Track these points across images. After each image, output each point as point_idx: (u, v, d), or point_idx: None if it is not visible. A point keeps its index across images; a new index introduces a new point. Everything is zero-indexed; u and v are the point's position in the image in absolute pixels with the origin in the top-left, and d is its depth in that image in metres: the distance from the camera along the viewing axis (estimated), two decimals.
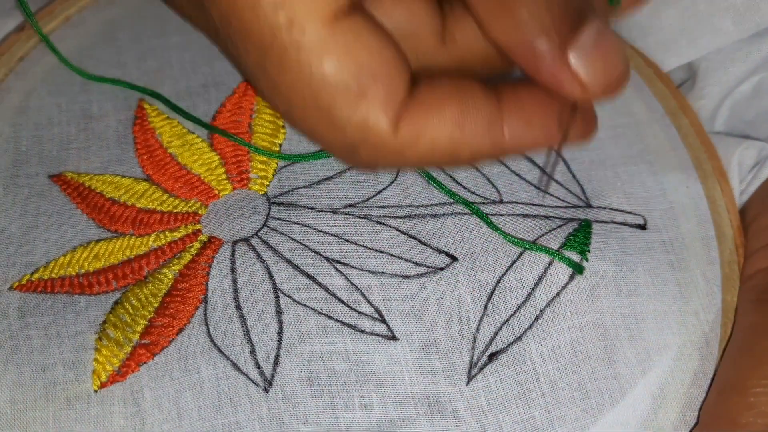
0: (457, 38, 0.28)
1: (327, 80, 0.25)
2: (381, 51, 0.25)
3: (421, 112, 0.26)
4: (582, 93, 0.27)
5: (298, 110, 0.26)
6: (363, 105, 0.25)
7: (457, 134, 0.27)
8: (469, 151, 0.27)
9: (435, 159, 0.27)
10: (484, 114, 0.27)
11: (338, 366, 0.28)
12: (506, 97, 0.27)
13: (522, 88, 0.28)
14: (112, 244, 0.30)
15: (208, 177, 0.32)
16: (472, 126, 0.27)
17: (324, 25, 0.24)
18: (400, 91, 0.26)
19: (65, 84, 0.34)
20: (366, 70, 0.25)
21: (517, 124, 0.27)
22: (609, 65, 0.27)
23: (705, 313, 0.30)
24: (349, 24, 0.25)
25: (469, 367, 0.28)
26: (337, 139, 0.26)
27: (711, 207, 0.33)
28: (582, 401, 0.28)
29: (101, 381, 0.28)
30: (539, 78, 0.27)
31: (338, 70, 0.25)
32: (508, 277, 0.30)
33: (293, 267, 0.30)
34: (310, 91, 0.25)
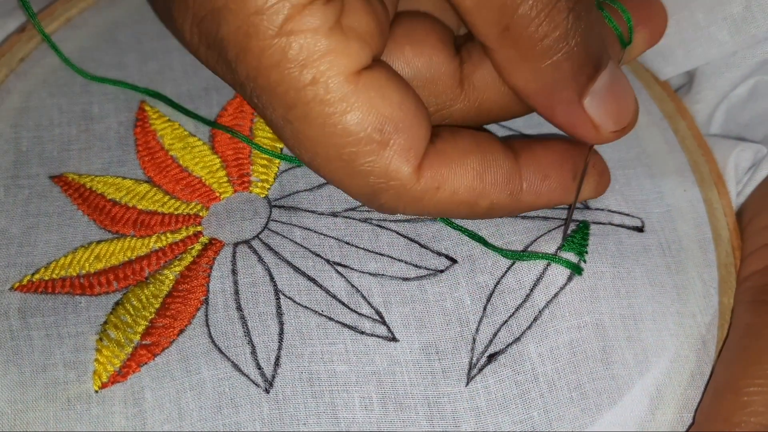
0: (475, 83, 0.29)
1: (350, 133, 0.26)
2: (402, 102, 0.26)
3: (444, 162, 0.27)
4: (595, 136, 0.28)
5: (322, 160, 0.27)
6: (385, 154, 0.26)
7: (478, 185, 0.28)
8: (487, 202, 0.28)
9: (454, 208, 0.28)
10: (504, 167, 0.28)
11: (339, 367, 0.28)
12: (523, 153, 0.29)
13: (537, 145, 0.29)
14: (113, 245, 0.30)
15: (210, 179, 0.32)
16: (492, 178, 0.28)
17: (347, 81, 0.25)
18: (421, 141, 0.27)
19: (66, 85, 0.34)
20: (388, 121, 0.26)
21: (534, 177, 0.29)
22: (621, 109, 0.28)
23: (702, 315, 0.30)
24: (371, 78, 0.26)
25: (469, 368, 0.29)
26: (359, 185, 0.27)
27: (708, 210, 0.33)
28: (580, 401, 0.28)
29: (102, 381, 0.28)
30: (553, 120, 0.29)
31: (361, 123, 0.26)
32: (507, 279, 0.30)
33: (294, 269, 0.30)
34: (334, 143, 0.26)
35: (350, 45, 0.25)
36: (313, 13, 0.25)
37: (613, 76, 0.28)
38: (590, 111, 0.28)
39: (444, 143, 0.28)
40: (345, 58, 0.25)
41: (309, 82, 0.25)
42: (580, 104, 0.27)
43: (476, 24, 0.27)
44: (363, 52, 0.26)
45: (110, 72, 0.35)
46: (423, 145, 0.27)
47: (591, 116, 0.28)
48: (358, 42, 0.26)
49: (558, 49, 0.26)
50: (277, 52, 0.25)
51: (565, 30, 0.26)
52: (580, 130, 0.28)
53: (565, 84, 0.27)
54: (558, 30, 0.26)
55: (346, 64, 0.25)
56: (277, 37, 0.25)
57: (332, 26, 0.25)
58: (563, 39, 0.26)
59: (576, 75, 0.27)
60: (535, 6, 0.25)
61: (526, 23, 0.26)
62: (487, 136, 0.29)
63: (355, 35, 0.26)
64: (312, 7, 0.25)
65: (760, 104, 0.36)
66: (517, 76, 0.27)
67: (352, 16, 0.26)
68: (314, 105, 0.25)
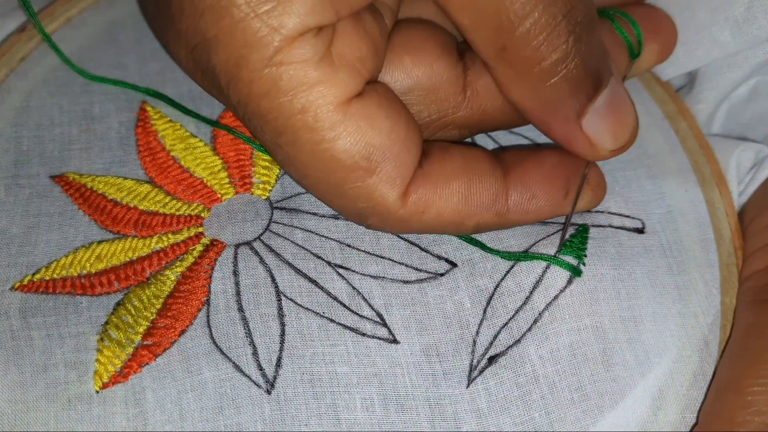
0: (479, 90, 0.29)
1: (338, 160, 0.26)
2: (392, 130, 0.26)
3: (430, 185, 0.27)
4: (592, 154, 0.28)
5: (311, 182, 0.27)
6: (371, 181, 0.26)
7: (463, 208, 0.28)
8: (473, 222, 0.28)
9: (440, 228, 0.28)
10: (490, 189, 0.28)
11: (340, 368, 0.28)
12: (512, 170, 0.29)
13: (529, 160, 0.29)
14: (114, 246, 0.30)
15: (211, 181, 0.32)
16: (478, 200, 0.28)
17: (336, 110, 0.25)
18: (409, 167, 0.27)
19: (66, 85, 0.34)
20: (376, 150, 0.26)
21: (521, 197, 0.29)
22: (620, 127, 0.28)
23: (704, 316, 0.30)
24: (361, 106, 0.26)
25: (469, 370, 0.29)
26: (347, 208, 0.28)
27: (709, 210, 0.33)
28: (582, 403, 0.28)
29: (103, 382, 0.28)
30: (551, 136, 0.28)
31: (349, 151, 0.26)
32: (507, 282, 0.30)
33: (295, 271, 0.30)
34: (322, 168, 0.26)
35: (340, 75, 0.25)
36: (303, 44, 0.25)
37: (614, 94, 0.28)
38: (588, 130, 0.27)
39: (431, 165, 0.28)
40: (334, 88, 0.25)
41: (298, 111, 0.25)
42: (577, 123, 0.27)
43: (474, 41, 0.26)
44: (353, 81, 0.26)
45: (110, 72, 0.35)
46: (410, 171, 0.27)
47: (589, 135, 0.27)
48: (348, 71, 0.25)
49: (556, 72, 0.26)
50: (266, 82, 0.25)
51: (565, 53, 0.26)
52: (577, 147, 0.28)
53: (564, 103, 0.27)
54: (557, 53, 0.26)
55: (335, 94, 0.25)
56: (267, 68, 0.25)
57: (322, 57, 0.25)
58: (562, 62, 0.26)
59: (575, 95, 0.27)
60: (533, 28, 0.25)
61: (523, 45, 0.25)
62: (476, 154, 0.29)
63: (345, 64, 0.25)
64: (302, 39, 0.25)
65: (761, 104, 0.36)
66: (514, 93, 0.27)
67: (342, 44, 0.26)
68: (303, 132, 0.25)
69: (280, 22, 0.24)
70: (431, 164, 0.28)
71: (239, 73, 0.25)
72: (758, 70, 0.35)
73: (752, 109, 0.36)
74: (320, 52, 0.25)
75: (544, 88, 0.26)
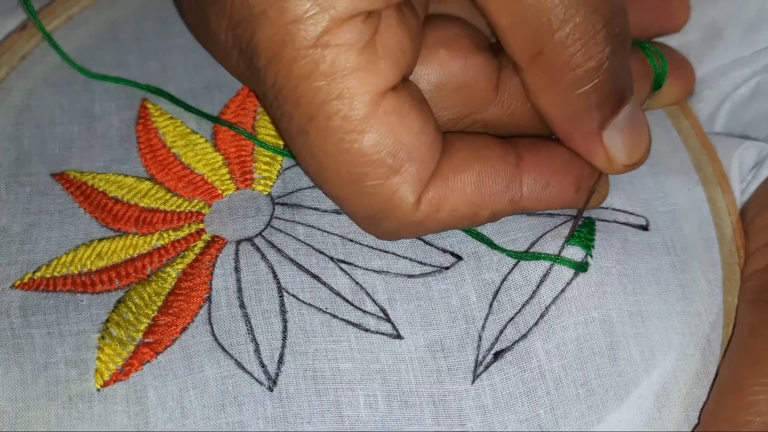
0: (509, 90, 0.29)
1: (364, 153, 0.26)
2: (421, 132, 0.26)
3: (441, 183, 0.27)
4: (608, 167, 0.29)
5: (330, 176, 0.27)
6: (394, 180, 0.26)
7: (477, 198, 0.28)
8: (488, 212, 0.28)
9: (455, 223, 0.28)
10: (502, 176, 0.28)
11: (343, 365, 0.28)
12: (526, 156, 0.29)
13: (542, 148, 0.29)
14: (114, 243, 0.30)
15: (212, 177, 0.32)
16: (490, 188, 0.28)
17: (372, 101, 0.25)
18: (430, 171, 0.27)
19: (67, 83, 0.34)
20: (404, 148, 0.26)
21: (535, 183, 0.28)
22: (637, 144, 0.28)
23: (707, 314, 0.30)
24: (395, 102, 0.26)
25: (475, 366, 0.28)
26: (363, 207, 0.27)
27: (712, 209, 0.33)
28: (587, 398, 0.28)
29: (104, 380, 0.28)
30: (571, 145, 0.29)
31: (377, 145, 0.25)
32: (513, 275, 0.30)
33: (298, 266, 0.30)
34: (346, 161, 0.26)
35: (380, 64, 0.25)
36: (351, 28, 0.24)
37: (633, 112, 0.28)
38: (608, 143, 0.28)
39: (439, 162, 0.27)
40: (374, 77, 0.25)
41: (334, 97, 0.25)
42: (599, 135, 0.28)
43: (510, 43, 0.26)
44: (392, 72, 0.26)
45: (111, 71, 0.35)
46: (430, 175, 0.27)
47: (607, 148, 0.28)
48: (389, 61, 0.25)
49: (589, 81, 0.26)
50: (309, 63, 0.25)
51: (600, 62, 0.26)
52: (594, 159, 0.28)
53: (590, 114, 0.27)
54: (592, 62, 0.26)
55: (374, 83, 0.25)
56: (311, 48, 0.24)
57: (366, 43, 0.25)
58: (596, 71, 0.26)
59: (601, 107, 0.27)
60: (572, 35, 0.25)
61: (560, 50, 0.26)
62: (485, 141, 0.28)
63: (387, 54, 0.25)
64: (351, 22, 0.24)
65: (763, 103, 0.36)
66: (543, 99, 0.27)
67: (387, 34, 0.25)
68: (335, 120, 0.25)
69: (332, 2, 0.24)
70: (441, 164, 0.27)
71: (282, 52, 0.25)
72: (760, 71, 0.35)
73: (754, 108, 0.36)
74: (366, 39, 0.25)
75: (574, 96, 0.26)
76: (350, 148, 0.26)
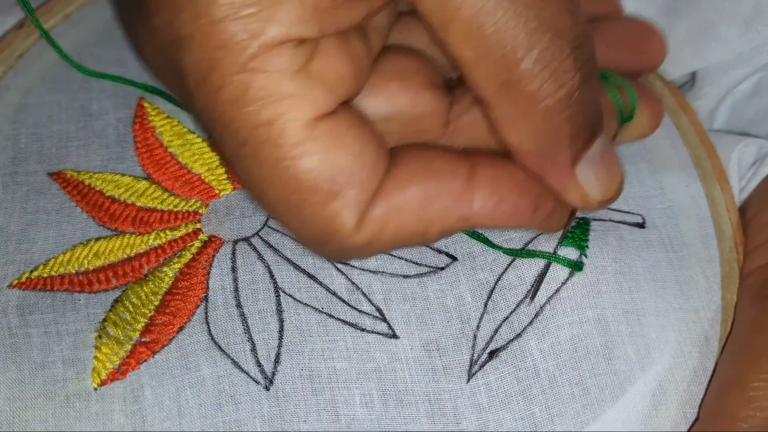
0: (461, 127, 0.28)
1: (300, 179, 0.24)
2: (361, 153, 0.25)
3: (384, 201, 0.25)
4: (581, 203, 0.27)
5: (268, 201, 0.25)
6: (333, 205, 0.25)
7: (423, 215, 0.26)
8: (437, 228, 0.26)
9: (404, 242, 0.26)
10: (450, 191, 0.26)
11: (339, 364, 0.28)
12: (481, 170, 0.27)
13: (501, 164, 0.27)
14: (112, 243, 0.30)
15: (209, 177, 0.32)
16: (438, 204, 0.26)
17: (305, 127, 0.24)
18: (372, 192, 0.25)
19: (64, 82, 0.34)
20: (342, 172, 0.24)
21: (486, 201, 0.26)
22: (610, 179, 0.27)
23: (705, 311, 0.30)
24: (331, 125, 0.24)
25: (470, 365, 0.28)
26: (304, 232, 0.26)
27: (710, 205, 0.33)
28: (582, 397, 0.28)
29: (101, 379, 0.28)
30: (543, 181, 0.27)
31: (313, 171, 0.24)
32: (508, 275, 0.30)
33: (294, 266, 0.30)
34: (282, 187, 0.24)
35: (314, 91, 0.24)
36: (282, 53, 0.23)
37: (605, 145, 0.27)
38: (581, 177, 0.26)
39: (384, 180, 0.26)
40: (306, 104, 0.24)
41: (264, 123, 0.24)
42: (572, 170, 0.26)
43: (474, 77, 0.25)
44: (327, 100, 0.24)
45: (109, 68, 0.35)
46: (371, 196, 0.25)
47: (581, 183, 0.26)
48: (323, 89, 0.24)
49: (560, 111, 0.25)
50: (236, 89, 0.23)
51: (571, 91, 0.24)
52: (567, 195, 0.27)
53: (561, 148, 0.25)
54: (562, 90, 0.24)
55: (306, 110, 0.24)
56: (239, 73, 0.23)
57: (298, 70, 0.24)
58: (567, 101, 0.24)
59: (574, 140, 0.25)
60: (539, 62, 0.24)
61: (528, 80, 0.24)
62: (435, 153, 0.27)
63: (321, 81, 0.24)
64: (281, 48, 0.23)
65: (765, 100, 0.36)
66: (513, 134, 0.26)
67: (323, 61, 0.24)
68: (266, 146, 0.24)
69: (261, 28, 0.23)
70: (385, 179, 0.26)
71: (210, 76, 0.24)
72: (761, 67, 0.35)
73: (756, 105, 0.36)
74: (297, 65, 0.24)
75: (545, 129, 0.25)
76: (284, 175, 0.24)
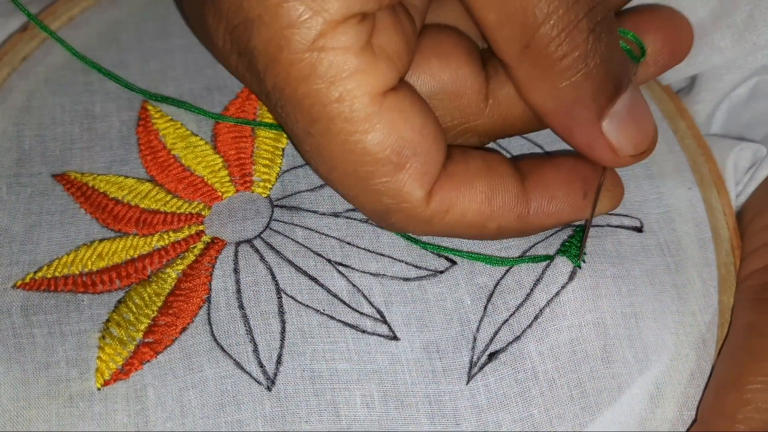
0: (500, 99, 0.29)
1: (369, 152, 0.26)
2: (423, 127, 0.26)
3: (453, 186, 0.27)
4: (612, 159, 0.28)
5: (338, 175, 0.27)
6: (400, 177, 0.26)
7: (486, 209, 0.28)
8: (495, 224, 0.28)
9: (463, 230, 0.28)
10: (512, 191, 0.28)
11: (340, 365, 0.28)
12: (530, 175, 0.29)
13: (546, 165, 0.29)
14: (115, 244, 0.31)
15: (212, 179, 0.32)
16: (500, 201, 0.28)
17: (372, 102, 0.25)
18: (437, 165, 0.27)
19: (68, 84, 0.34)
20: (408, 145, 0.26)
21: (541, 199, 0.29)
22: (641, 132, 0.28)
23: (702, 314, 0.30)
24: (395, 100, 0.26)
25: (470, 367, 0.29)
26: (372, 203, 0.27)
27: (707, 209, 0.33)
28: (581, 400, 0.28)
29: (104, 379, 0.28)
30: (571, 142, 0.29)
31: (381, 144, 0.26)
32: (507, 280, 0.30)
33: (296, 268, 0.30)
34: (352, 161, 0.26)
35: (379, 65, 0.25)
36: (346, 31, 0.25)
37: (634, 100, 0.28)
38: (609, 133, 0.28)
39: (455, 165, 0.28)
40: (373, 79, 0.25)
41: (335, 99, 0.25)
42: (598, 126, 0.27)
43: (497, 40, 0.27)
44: (390, 73, 0.26)
45: (112, 71, 0.35)
46: (438, 170, 0.27)
47: (609, 139, 0.28)
48: (386, 62, 0.26)
49: (577, 69, 0.26)
50: (306, 67, 0.25)
51: (585, 50, 0.26)
52: (597, 152, 0.28)
53: (584, 104, 0.27)
54: (578, 50, 0.26)
55: (373, 85, 0.25)
56: (308, 52, 0.25)
57: (363, 45, 0.25)
58: (583, 59, 0.26)
59: (595, 96, 0.27)
60: (556, 25, 0.25)
61: (546, 42, 0.26)
62: (496, 158, 0.29)
63: (384, 55, 0.26)
64: (345, 25, 0.25)
65: (761, 104, 0.36)
66: (535, 94, 0.27)
67: (383, 36, 0.26)
68: (338, 122, 0.25)
69: (324, 5, 0.24)
70: (454, 165, 0.28)
71: (279, 56, 0.25)
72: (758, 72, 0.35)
73: (752, 109, 0.36)
74: (362, 41, 0.25)
75: (565, 87, 0.27)
76: (355, 148, 0.26)
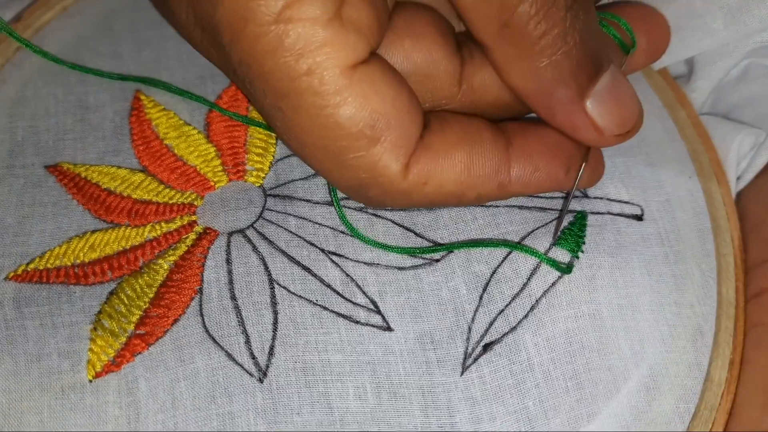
0: (473, 83, 0.29)
1: (341, 126, 0.25)
2: (396, 99, 0.26)
3: (431, 156, 0.27)
4: (597, 139, 0.28)
5: (310, 150, 0.26)
6: (375, 151, 0.26)
7: (465, 178, 0.27)
8: (475, 193, 0.28)
9: (441, 199, 0.28)
10: (492, 159, 0.28)
11: (333, 356, 0.28)
12: (515, 141, 0.28)
13: (531, 132, 0.29)
14: (107, 235, 0.30)
15: (204, 168, 0.32)
16: (480, 171, 0.28)
17: (342, 74, 0.25)
18: (412, 138, 0.27)
19: (61, 75, 0.34)
20: (381, 117, 0.26)
21: (523, 169, 0.28)
22: (625, 111, 0.28)
23: (700, 305, 0.30)
24: (366, 72, 0.25)
25: (464, 358, 0.28)
26: (347, 178, 0.27)
27: (707, 199, 0.33)
28: (576, 391, 0.28)
29: (96, 371, 0.28)
30: (555, 123, 0.28)
31: (353, 117, 0.25)
32: (503, 268, 0.30)
33: (288, 258, 0.30)
34: (324, 135, 0.26)
35: (349, 37, 0.25)
36: (313, 2, 0.24)
37: (616, 79, 0.28)
38: (592, 113, 0.27)
39: (432, 135, 0.27)
40: (342, 51, 0.25)
41: (304, 73, 0.25)
42: (581, 105, 0.27)
43: (474, 21, 0.26)
44: (361, 46, 0.25)
45: (106, 61, 0.35)
46: (413, 141, 0.27)
47: (593, 118, 0.27)
48: (356, 35, 0.25)
49: (557, 48, 0.26)
50: (273, 39, 0.24)
51: (564, 28, 0.26)
52: (581, 132, 0.28)
53: (565, 84, 0.27)
54: (557, 28, 0.26)
55: (343, 57, 0.25)
56: (274, 24, 0.24)
57: (332, 17, 0.24)
58: (562, 37, 0.26)
59: (575, 74, 0.27)
60: (534, 3, 0.25)
61: (525, 20, 0.25)
62: (477, 124, 0.28)
63: (353, 28, 0.25)
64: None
65: (750, 86, 0.36)
66: (515, 75, 0.27)
67: (352, 8, 0.25)
68: (307, 96, 0.25)
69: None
70: (432, 135, 0.27)
71: (245, 29, 0.24)
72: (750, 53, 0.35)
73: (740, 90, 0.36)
74: (330, 12, 0.24)
75: (545, 66, 0.26)
76: (326, 123, 0.25)
